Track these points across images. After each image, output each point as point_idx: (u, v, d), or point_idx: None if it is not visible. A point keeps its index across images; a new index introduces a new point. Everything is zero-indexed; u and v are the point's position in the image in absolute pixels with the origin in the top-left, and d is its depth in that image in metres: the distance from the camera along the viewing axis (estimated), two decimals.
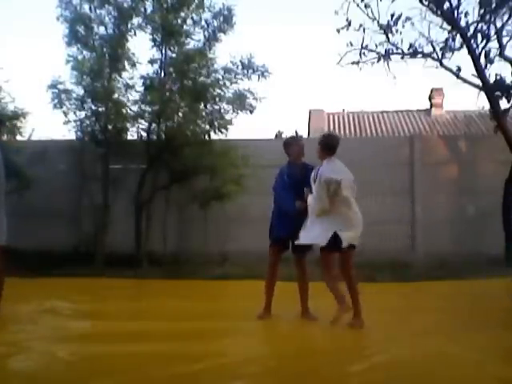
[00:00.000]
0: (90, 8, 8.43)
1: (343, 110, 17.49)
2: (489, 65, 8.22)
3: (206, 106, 8.56)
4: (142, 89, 8.58)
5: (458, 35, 8.34)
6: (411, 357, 3.29)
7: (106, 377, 2.92)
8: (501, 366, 3.14)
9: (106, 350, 3.42)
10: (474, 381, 2.90)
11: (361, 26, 8.66)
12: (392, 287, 6.83)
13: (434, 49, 8.59)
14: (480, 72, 8.17)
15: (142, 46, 9.10)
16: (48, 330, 4.11)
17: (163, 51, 8.53)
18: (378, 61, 8.81)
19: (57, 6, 8.35)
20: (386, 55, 8.75)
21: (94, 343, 3.62)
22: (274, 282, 4.67)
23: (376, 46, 8.78)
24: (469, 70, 8.70)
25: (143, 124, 8.67)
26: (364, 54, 8.82)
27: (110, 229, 8.54)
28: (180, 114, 8.43)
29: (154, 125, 8.58)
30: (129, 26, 8.52)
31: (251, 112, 8.51)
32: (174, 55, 8.54)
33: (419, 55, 8.72)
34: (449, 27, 8.43)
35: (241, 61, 8.39)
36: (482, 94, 8.39)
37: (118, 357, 3.28)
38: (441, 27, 8.52)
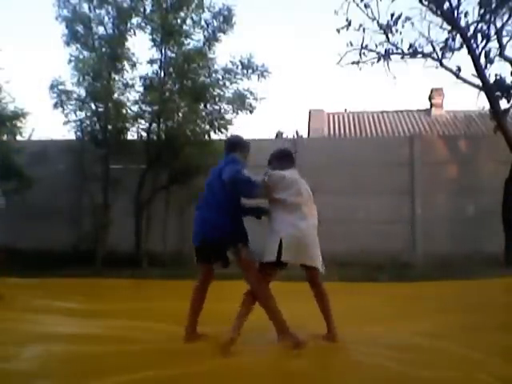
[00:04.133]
0: (89, 8, 8.43)
1: (345, 109, 17.50)
2: (489, 65, 8.23)
3: (205, 106, 8.57)
4: (141, 89, 8.59)
5: (458, 35, 8.35)
6: (411, 356, 3.29)
7: (106, 377, 2.93)
8: (501, 365, 3.14)
9: (106, 350, 3.42)
10: (474, 381, 2.90)
11: (361, 25, 8.69)
12: (392, 287, 6.82)
13: (434, 49, 8.61)
14: (480, 72, 8.18)
15: (141, 46, 9.13)
16: (47, 329, 4.10)
17: (163, 51, 8.53)
18: (377, 61, 8.84)
19: (54, 4, 8.37)
20: (386, 55, 8.76)
21: (93, 343, 3.62)
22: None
23: (376, 46, 8.82)
24: (469, 70, 8.73)
25: (143, 124, 8.69)
26: (364, 53, 8.85)
27: (110, 229, 8.54)
28: (180, 114, 8.43)
29: (154, 125, 8.58)
30: (128, 25, 8.53)
31: (251, 112, 8.52)
32: (173, 55, 8.53)
33: (419, 55, 8.74)
34: (449, 27, 8.44)
35: (240, 61, 8.40)
36: (482, 93, 8.40)
37: (118, 357, 3.28)
38: (441, 27, 8.54)
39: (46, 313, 4.75)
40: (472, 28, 8.23)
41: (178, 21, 8.41)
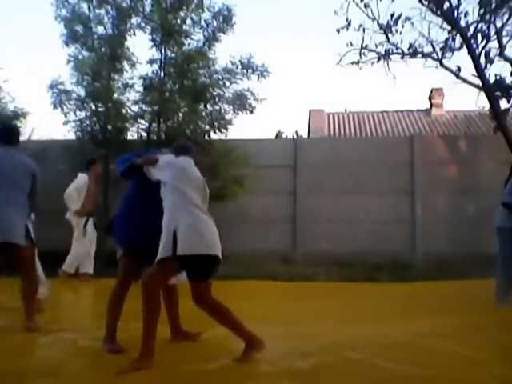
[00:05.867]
0: (89, 7, 8.42)
1: (345, 109, 17.54)
2: (489, 65, 8.24)
3: (205, 106, 8.56)
4: (141, 89, 8.58)
5: (458, 35, 8.36)
6: (410, 356, 3.29)
7: (107, 377, 2.93)
8: (501, 365, 3.14)
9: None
10: (474, 381, 2.90)
11: (361, 26, 8.71)
12: (392, 287, 6.83)
13: (434, 49, 8.62)
14: (480, 72, 8.18)
15: (141, 46, 9.12)
16: (47, 329, 4.10)
17: (163, 51, 8.52)
18: (377, 61, 8.85)
19: (52, 3, 8.34)
20: (386, 55, 8.78)
21: (93, 342, 3.62)
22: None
23: (376, 46, 8.84)
24: (469, 70, 8.74)
25: (143, 124, 8.67)
26: (364, 54, 8.87)
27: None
28: (180, 114, 8.42)
29: (154, 125, 8.57)
30: (128, 25, 8.52)
31: (251, 112, 8.51)
32: (173, 55, 8.53)
33: (419, 55, 8.75)
34: (449, 27, 8.44)
35: (240, 61, 8.38)
36: (482, 93, 8.40)
37: (118, 358, 3.28)
38: (441, 27, 8.55)
39: (45, 313, 4.74)
40: (472, 28, 8.24)
41: (178, 21, 8.40)
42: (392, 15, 8.46)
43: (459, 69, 8.55)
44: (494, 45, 8.27)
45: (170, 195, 3.17)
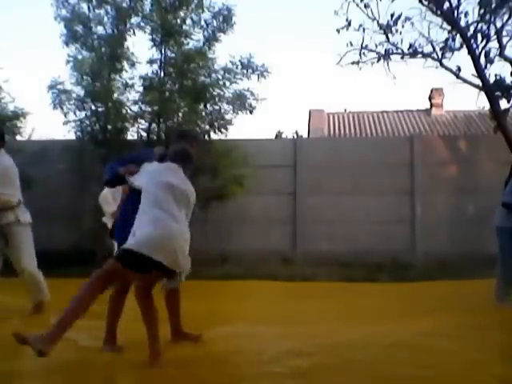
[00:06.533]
0: (89, 8, 8.42)
1: (345, 109, 17.52)
2: (489, 65, 8.24)
3: (205, 106, 8.56)
4: (141, 89, 8.58)
5: (458, 35, 8.36)
6: (411, 356, 3.29)
7: (107, 377, 2.93)
8: (501, 365, 3.14)
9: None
10: (474, 381, 2.90)
11: (361, 26, 8.71)
12: (392, 287, 6.83)
13: (434, 49, 8.62)
14: (480, 72, 8.18)
15: (141, 46, 9.12)
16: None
17: (163, 51, 8.52)
18: (377, 61, 8.86)
19: (52, 3, 8.34)
20: (386, 55, 8.78)
21: (94, 342, 3.62)
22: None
23: (376, 46, 8.84)
24: (469, 70, 8.74)
25: (143, 124, 8.67)
26: (364, 54, 8.88)
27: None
28: (180, 114, 8.42)
29: (153, 125, 8.57)
30: (127, 25, 8.52)
31: (251, 112, 8.51)
32: (173, 55, 8.53)
33: (419, 55, 8.75)
34: (449, 27, 8.45)
35: (240, 61, 8.38)
36: (482, 93, 8.40)
37: (118, 358, 3.28)
38: (441, 27, 8.56)
39: (45, 313, 4.74)
40: (472, 28, 8.24)
41: (178, 21, 8.40)
42: (392, 15, 8.47)
43: (459, 69, 8.56)
44: (494, 45, 8.28)
45: (142, 198, 3.21)
